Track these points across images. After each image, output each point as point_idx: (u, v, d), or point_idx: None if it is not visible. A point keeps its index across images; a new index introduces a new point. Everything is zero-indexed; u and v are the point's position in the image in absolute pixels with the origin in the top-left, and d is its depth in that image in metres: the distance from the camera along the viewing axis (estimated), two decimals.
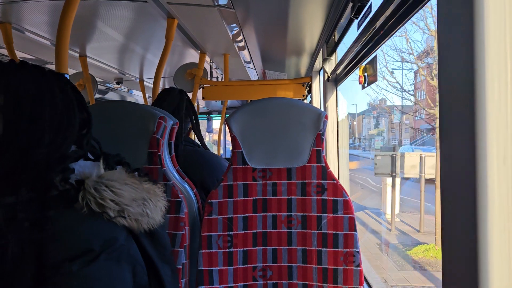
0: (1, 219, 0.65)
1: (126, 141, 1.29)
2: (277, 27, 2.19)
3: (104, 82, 3.92)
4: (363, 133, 35.91)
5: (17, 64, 0.77)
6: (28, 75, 0.75)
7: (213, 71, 3.35)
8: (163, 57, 2.20)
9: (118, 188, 0.73)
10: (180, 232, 1.25)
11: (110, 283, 0.68)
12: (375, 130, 33.54)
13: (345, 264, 1.27)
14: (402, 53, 15.57)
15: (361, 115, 35.41)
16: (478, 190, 0.54)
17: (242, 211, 1.29)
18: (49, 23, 2.15)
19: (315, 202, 1.29)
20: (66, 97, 0.79)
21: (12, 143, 0.71)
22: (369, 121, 35.07)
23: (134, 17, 2.10)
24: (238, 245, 1.29)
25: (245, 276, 1.30)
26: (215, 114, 6.71)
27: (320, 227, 1.28)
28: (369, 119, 34.93)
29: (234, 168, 1.30)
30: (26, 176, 0.70)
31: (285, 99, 1.31)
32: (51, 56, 2.80)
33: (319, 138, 1.28)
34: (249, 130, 1.29)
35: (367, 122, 35.27)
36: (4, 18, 2.06)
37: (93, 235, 0.69)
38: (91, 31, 2.32)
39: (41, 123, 0.73)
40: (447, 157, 0.61)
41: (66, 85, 0.81)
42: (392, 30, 1.26)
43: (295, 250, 1.29)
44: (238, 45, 2.58)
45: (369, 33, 1.41)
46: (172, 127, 1.35)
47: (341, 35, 2.02)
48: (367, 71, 1.64)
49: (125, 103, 1.36)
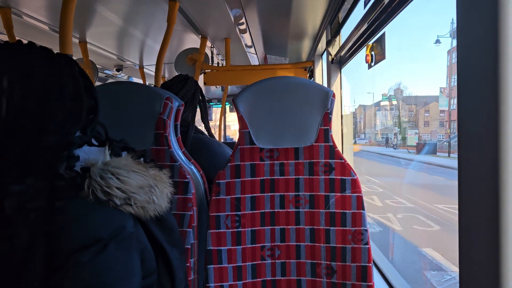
0: (9, 209, 0.64)
1: (132, 122, 1.28)
2: (280, 9, 2.16)
3: (103, 69, 3.89)
4: (380, 126, 32.34)
5: (24, 45, 0.73)
6: (37, 57, 0.72)
7: (214, 56, 3.33)
8: (164, 42, 2.18)
9: (124, 176, 0.72)
10: (188, 213, 1.25)
11: (121, 272, 0.68)
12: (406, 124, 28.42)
13: (354, 242, 1.27)
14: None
15: (377, 105, 32.69)
16: (499, 192, 0.53)
17: (250, 191, 1.29)
18: (47, 7, 2.12)
19: (323, 181, 1.28)
20: (74, 82, 0.76)
21: (20, 129, 0.69)
22: (384, 113, 31.53)
23: (135, 0, 2.08)
24: (246, 225, 1.29)
25: (254, 255, 1.30)
26: (215, 102, 6.67)
27: (328, 206, 1.28)
28: (383, 112, 31.63)
29: (242, 148, 1.29)
30: (34, 163, 0.68)
31: (292, 78, 1.30)
32: (50, 42, 2.77)
33: (326, 117, 1.27)
34: (256, 109, 1.28)
35: (382, 114, 31.80)
36: (4, 2, 2.03)
37: (101, 224, 0.68)
38: (91, 16, 2.30)
39: (50, 108, 0.71)
40: (466, 160, 0.60)
41: (74, 68, 0.77)
42: (402, 5, 1.24)
43: (303, 229, 1.29)
44: (239, 27, 2.56)
45: (377, 10, 1.39)
46: (178, 108, 1.34)
47: (346, 15, 1.99)
48: (374, 49, 1.62)
49: (131, 83, 1.35)
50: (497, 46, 0.52)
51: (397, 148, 25.86)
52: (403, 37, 19.86)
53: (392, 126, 31.08)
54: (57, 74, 0.73)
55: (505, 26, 0.51)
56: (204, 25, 2.56)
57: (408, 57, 21.81)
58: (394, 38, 18.08)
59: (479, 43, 0.55)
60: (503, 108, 0.51)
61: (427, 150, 20.54)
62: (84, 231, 0.67)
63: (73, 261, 0.64)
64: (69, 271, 0.64)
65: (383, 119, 33.81)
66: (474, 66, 0.57)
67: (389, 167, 18.06)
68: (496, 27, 0.52)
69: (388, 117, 32.42)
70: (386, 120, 32.64)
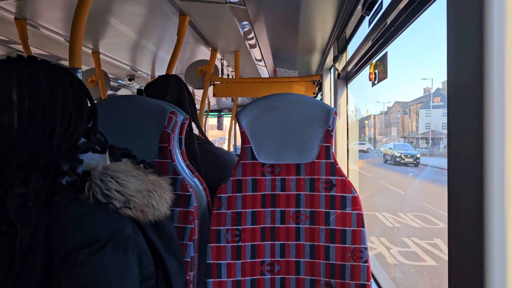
0: (12, 209, 0.67)
1: (137, 136, 1.31)
2: (288, 25, 2.19)
3: (116, 78, 3.96)
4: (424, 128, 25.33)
5: (27, 59, 0.79)
6: (39, 70, 0.78)
7: (224, 68, 3.37)
8: (174, 54, 2.22)
9: (123, 179, 0.74)
10: (189, 226, 1.26)
11: (117, 272, 0.69)
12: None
13: (353, 260, 1.27)
14: None
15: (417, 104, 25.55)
16: (485, 191, 0.54)
17: (250, 205, 1.30)
18: (63, 19, 2.19)
19: (324, 198, 1.29)
20: (75, 90, 0.81)
21: (26, 136, 0.73)
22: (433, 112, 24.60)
23: (147, 14, 2.13)
24: (246, 239, 1.30)
25: (253, 270, 1.31)
26: (226, 112, 6.73)
27: (328, 223, 1.29)
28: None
29: (243, 163, 1.31)
30: (39, 167, 0.72)
31: (294, 95, 1.32)
32: (64, 52, 2.84)
33: (328, 134, 1.28)
34: (259, 125, 1.30)
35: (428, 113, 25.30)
36: (20, 14, 2.10)
37: (100, 225, 0.71)
38: (104, 28, 2.36)
39: (54, 115, 0.76)
40: (455, 159, 0.61)
41: (74, 79, 0.83)
42: (403, 27, 1.25)
43: (303, 245, 1.30)
44: (249, 42, 2.59)
45: (380, 29, 1.41)
46: (183, 122, 1.36)
47: (352, 32, 2.01)
48: (377, 68, 1.64)
49: (137, 98, 1.38)
50: (482, 50, 0.54)
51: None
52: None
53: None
54: (59, 84, 0.79)
55: (491, 31, 0.54)
56: (214, 38, 2.61)
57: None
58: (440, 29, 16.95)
59: (468, 46, 0.57)
60: (488, 110, 0.53)
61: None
62: (83, 231, 0.69)
63: (71, 260, 0.66)
64: (67, 269, 0.66)
65: (430, 119, 26.72)
66: (462, 71, 0.59)
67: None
68: (482, 32, 0.54)
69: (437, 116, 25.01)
70: (437, 119, 25.69)
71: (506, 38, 0.53)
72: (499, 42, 0.53)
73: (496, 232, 0.53)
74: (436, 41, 21.72)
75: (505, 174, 0.53)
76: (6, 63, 0.77)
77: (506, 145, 0.53)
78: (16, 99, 0.74)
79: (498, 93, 0.53)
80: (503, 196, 0.53)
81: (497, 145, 0.53)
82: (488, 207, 0.53)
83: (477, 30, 0.54)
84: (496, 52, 0.53)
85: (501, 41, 0.53)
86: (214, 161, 1.61)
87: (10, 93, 0.74)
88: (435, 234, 8.12)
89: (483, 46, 0.53)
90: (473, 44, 0.55)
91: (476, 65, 0.54)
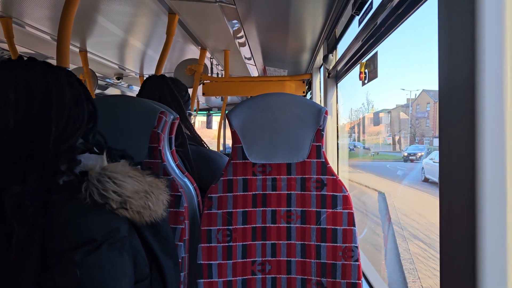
0: (8, 208, 0.67)
1: (127, 136, 1.29)
2: (278, 24, 2.19)
3: (104, 77, 3.92)
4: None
5: (25, 61, 0.79)
6: (37, 71, 0.78)
7: (214, 67, 3.36)
8: (163, 53, 2.20)
9: (120, 180, 0.75)
10: (179, 226, 1.25)
11: (112, 272, 0.70)
12: None
13: (344, 259, 1.27)
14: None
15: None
16: (477, 191, 0.54)
17: (241, 205, 1.30)
18: (50, 17, 2.15)
19: (315, 197, 1.29)
20: (75, 91, 0.82)
21: (22, 136, 0.73)
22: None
23: (135, 12, 2.11)
24: (237, 239, 1.30)
25: (244, 270, 1.30)
26: (215, 110, 6.71)
27: (319, 222, 1.29)
28: None
29: (234, 163, 1.30)
30: (36, 166, 0.72)
31: (285, 95, 1.32)
32: (51, 51, 2.80)
33: (319, 134, 1.28)
34: (250, 125, 1.29)
35: None
36: (5, 12, 2.06)
37: (96, 225, 0.71)
38: (92, 26, 2.33)
39: (50, 116, 0.76)
40: (447, 158, 0.61)
41: (74, 79, 0.83)
42: (393, 27, 1.26)
43: (294, 244, 1.30)
44: (238, 41, 2.58)
45: (370, 30, 1.41)
46: (173, 121, 1.35)
47: (342, 32, 2.02)
48: (367, 67, 1.65)
49: (126, 97, 1.37)
50: (474, 51, 0.55)
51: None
52: None
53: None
54: (57, 85, 0.78)
55: (482, 30, 0.54)
56: (203, 37, 2.59)
57: None
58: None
59: (459, 47, 0.58)
60: (480, 111, 0.54)
61: None
62: (79, 231, 0.70)
63: (67, 259, 0.67)
64: (62, 268, 0.67)
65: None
66: (454, 71, 0.60)
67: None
68: (474, 32, 0.55)
69: None
70: None
71: (498, 37, 0.54)
72: (491, 42, 0.53)
73: (488, 231, 0.54)
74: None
75: (497, 174, 0.54)
76: (5, 64, 0.78)
77: (497, 146, 0.54)
78: (12, 99, 0.74)
79: (490, 93, 0.53)
80: (495, 196, 0.54)
81: (489, 146, 0.53)
82: (480, 207, 0.54)
83: (469, 30, 0.55)
84: (487, 52, 0.53)
85: (493, 41, 0.53)
86: (209, 166, 1.61)
87: (6, 92, 0.74)
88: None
89: (474, 46, 0.54)
90: (464, 44, 0.56)
91: (468, 65, 0.55)
